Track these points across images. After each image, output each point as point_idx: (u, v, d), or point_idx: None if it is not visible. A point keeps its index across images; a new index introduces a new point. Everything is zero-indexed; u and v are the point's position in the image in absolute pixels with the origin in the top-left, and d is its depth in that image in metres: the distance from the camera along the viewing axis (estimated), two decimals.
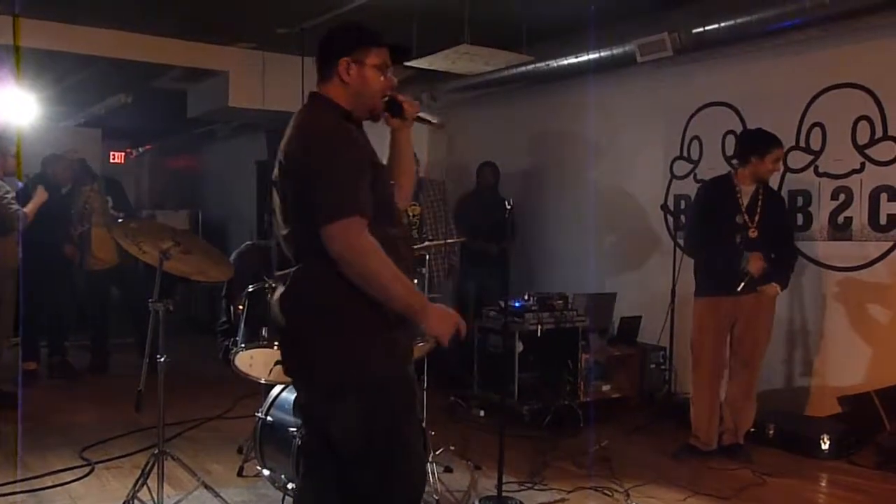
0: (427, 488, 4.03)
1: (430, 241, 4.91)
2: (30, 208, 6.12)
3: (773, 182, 5.27)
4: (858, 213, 5.43)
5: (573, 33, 6.42)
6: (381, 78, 2.50)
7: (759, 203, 4.80)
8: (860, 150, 5.41)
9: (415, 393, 2.52)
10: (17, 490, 4.24)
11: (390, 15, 5.75)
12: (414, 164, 2.82)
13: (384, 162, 2.61)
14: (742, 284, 4.74)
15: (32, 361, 6.95)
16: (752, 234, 4.79)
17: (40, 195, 6.23)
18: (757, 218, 4.79)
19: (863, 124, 5.39)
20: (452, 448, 4.65)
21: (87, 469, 4.61)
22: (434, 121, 2.75)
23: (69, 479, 4.44)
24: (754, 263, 4.71)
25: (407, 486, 2.49)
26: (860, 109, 5.40)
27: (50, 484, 4.35)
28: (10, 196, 5.94)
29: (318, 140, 2.35)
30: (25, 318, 6.66)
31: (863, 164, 5.40)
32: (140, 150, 12.38)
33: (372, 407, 2.37)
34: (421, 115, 2.67)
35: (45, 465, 4.65)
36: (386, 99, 2.55)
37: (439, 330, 2.36)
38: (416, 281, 2.70)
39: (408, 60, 2.71)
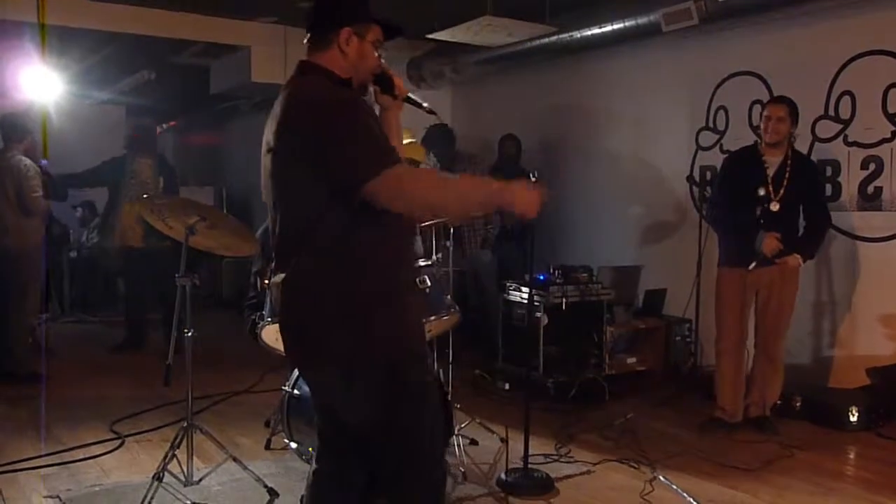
0: (454, 461, 4.06)
1: None
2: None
3: (802, 151, 5.20)
4: (889, 182, 5.35)
5: (597, 3, 6.34)
6: (374, 55, 2.43)
7: (787, 175, 4.73)
8: (891, 118, 5.32)
9: (429, 371, 2.46)
10: (50, 463, 4.32)
11: None
12: (403, 145, 2.71)
13: None
14: (754, 264, 4.69)
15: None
16: (774, 207, 4.72)
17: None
18: (782, 191, 4.72)
19: (893, 92, 5.29)
20: (478, 421, 4.66)
21: (117, 442, 4.68)
22: (424, 105, 2.65)
23: (100, 452, 4.51)
24: (768, 244, 4.65)
25: (429, 465, 2.43)
26: (891, 77, 5.30)
27: (81, 457, 4.43)
28: (34, 183, 6.01)
29: (330, 107, 2.23)
30: None
31: (893, 133, 5.31)
32: (164, 126, 12.40)
33: (385, 389, 2.29)
34: (411, 96, 2.61)
35: (77, 438, 4.73)
36: (378, 74, 2.48)
37: (525, 208, 2.23)
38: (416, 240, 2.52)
39: (395, 38, 2.65)
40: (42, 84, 6.56)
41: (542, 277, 5.79)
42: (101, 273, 9.76)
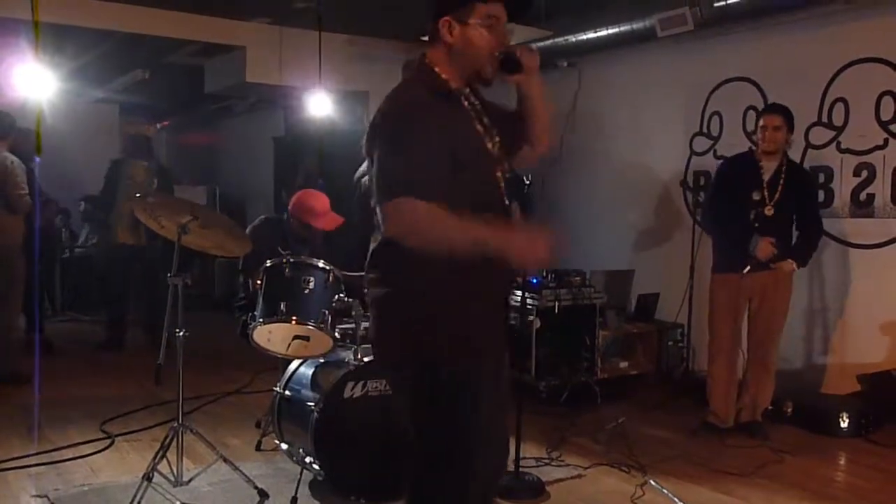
0: None
1: None
2: None
3: (795, 158, 5.21)
4: (881, 189, 5.36)
5: (593, 8, 6.35)
6: (489, 35, 2.27)
7: (782, 181, 4.74)
8: (884, 125, 5.33)
9: (492, 386, 2.31)
10: (39, 462, 4.30)
11: None
12: (547, 109, 2.53)
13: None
14: (748, 268, 4.70)
15: None
16: (768, 211, 4.73)
17: None
18: (777, 196, 4.74)
19: (887, 100, 5.31)
20: None
21: (107, 442, 4.66)
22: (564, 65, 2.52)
23: (89, 452, 4.49)
24: (763, 248, 4.66)
25: (457, 486, 2.29)
26: (884, 85, 5.32)
27: (70, 456, 4.41)
28: (20, 181, 5.97)
29: (392, 114, 2.21)
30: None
31: (886, 140, 5.33)
32: (157, 126, 12.38)
33: (420, 392, 2.25)
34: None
35: (66, 437, 4.70)
36: (500, 57, 2.31)
37: (524, 261, 2.17)
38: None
39: (528, 12, 2.46)
40: (35, 82, 6.51)
41: (534, 281, 5.79)
42: (96, 272, 9.71)
